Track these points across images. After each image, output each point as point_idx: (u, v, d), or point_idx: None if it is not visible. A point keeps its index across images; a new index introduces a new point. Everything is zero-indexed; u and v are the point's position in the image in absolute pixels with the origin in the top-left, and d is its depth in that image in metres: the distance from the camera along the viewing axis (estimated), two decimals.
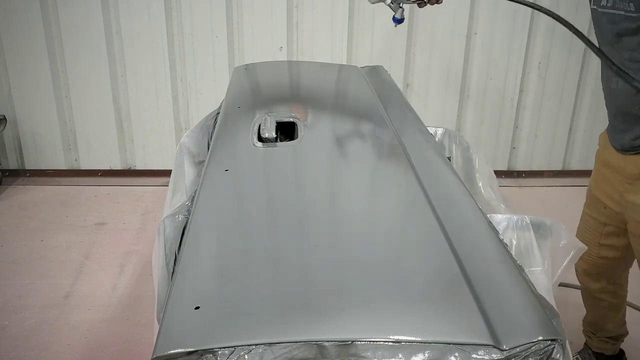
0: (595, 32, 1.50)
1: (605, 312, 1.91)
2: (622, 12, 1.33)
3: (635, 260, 1.70)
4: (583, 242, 1.81)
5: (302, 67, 2.65)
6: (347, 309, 0.86)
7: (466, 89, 3.64)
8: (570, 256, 1.26)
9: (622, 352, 2.02)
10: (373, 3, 1.72)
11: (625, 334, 1.98)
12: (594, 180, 1.74)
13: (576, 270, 1.89)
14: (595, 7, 1.45)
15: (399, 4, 1.72)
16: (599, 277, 1.84)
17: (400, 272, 0.96)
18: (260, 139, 1.51)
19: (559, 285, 1.32)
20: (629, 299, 1.95)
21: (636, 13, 1.29)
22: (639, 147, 1.49)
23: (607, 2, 1.38)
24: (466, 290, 0.89)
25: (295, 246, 1.04)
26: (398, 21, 1.76)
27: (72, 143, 3.66)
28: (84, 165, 3.71)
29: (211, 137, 1.68)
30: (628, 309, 1.99)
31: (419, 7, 1.71)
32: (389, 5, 1.71)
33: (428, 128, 1.74)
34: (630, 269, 1.85)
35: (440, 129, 1.97)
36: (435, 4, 1.69)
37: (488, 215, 1.19)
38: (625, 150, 1.54)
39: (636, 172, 1.52)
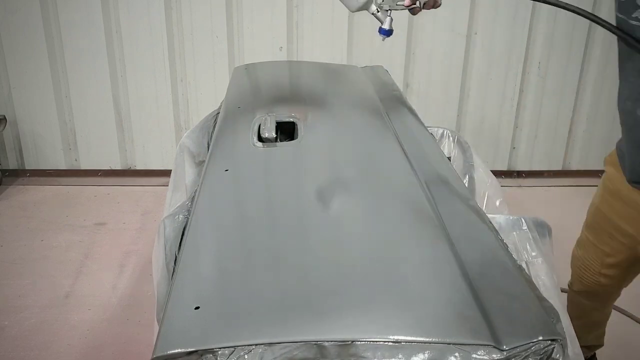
0: (618, 43, 1.30)
1: (589, 324, 1.89)
2: None
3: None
4: (583, 266, 1.72)
5: (302, 67, 2.65)
6: (347, 309, 0.86)
7: (466, 89, 3.63)
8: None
9: (594, 356, 2.01)
10: (354, 11, 1.53)
11: (601, 345, 1.95)
12: (602, 210, 1.58)
13: (570, 288, 1.83)
14: (623, 16, 1.20)
15: (387, 11, 1.48)
16: (595, 298, 1.79)
17: (400, 272, 0.96)
18: (260, 138, 1.50)
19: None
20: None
21: None
22: None
23: None
24: (466, 290, 0.89)
25: (295, 246, 1.04)
26: (386, 33, 1.50)
27: (72, 143, 3.66)
28: (84, 165, 3.71)
29: (211, 137, 1.68)
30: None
31: (412, 14, 1.50)
32: (373, 15, 1.49)
33: (428, 128, 1.74)
34: None
35: (440, 129, 1.97)
36: (432, 9, 1.49)
37: (488, 216, 1.19)
38: None
39: None
